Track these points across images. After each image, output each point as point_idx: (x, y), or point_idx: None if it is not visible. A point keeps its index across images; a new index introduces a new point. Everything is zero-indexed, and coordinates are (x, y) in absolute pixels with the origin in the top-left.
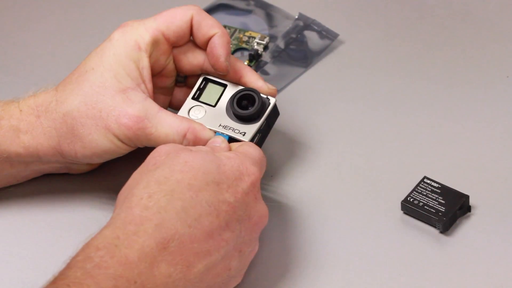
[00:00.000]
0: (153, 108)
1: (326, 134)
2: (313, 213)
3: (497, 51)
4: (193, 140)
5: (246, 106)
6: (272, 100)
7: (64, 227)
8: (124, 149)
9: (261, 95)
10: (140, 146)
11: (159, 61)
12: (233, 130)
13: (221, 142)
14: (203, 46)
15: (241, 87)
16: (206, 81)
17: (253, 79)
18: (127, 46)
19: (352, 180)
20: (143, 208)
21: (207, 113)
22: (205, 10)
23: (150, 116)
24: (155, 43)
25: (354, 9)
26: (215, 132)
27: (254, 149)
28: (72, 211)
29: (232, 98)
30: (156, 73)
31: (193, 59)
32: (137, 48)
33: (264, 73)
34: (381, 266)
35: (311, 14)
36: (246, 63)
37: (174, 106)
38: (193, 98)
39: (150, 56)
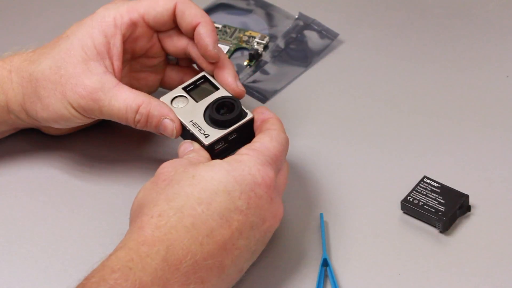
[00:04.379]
0: (111, 82)
1: (326, 133)
2: (313, 213)
3: (497, 51)
4: (145, 115)
5: (224, 113)
6: (249, 115)
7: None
8: (79, 118)
9: (243, 108)
10: (96, 117)
11: (139, 43)
12: (200, 129)
13: (191, 145)
14: (188, 35)
15: (228, 94)
16: (204, 79)
17: (226, 73)
18: (103, 21)
19: (351, 179)
20: (154, 227)
21: (187, 106)
22: (205, 10)
23: (106, 89)
24: (132, 25)
25: (354, 9)
26: (184, 126)
27: (272, 144)
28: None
29: (213, 102)
30: (140, 55)
31: (178, 42)
32: (113, 25)
33: (264, 72)
34: (381, 265)
35: (311, 14)
36: (246, 62)
37: (166, 85)
38: (183, 88)
39: (126, 37)
